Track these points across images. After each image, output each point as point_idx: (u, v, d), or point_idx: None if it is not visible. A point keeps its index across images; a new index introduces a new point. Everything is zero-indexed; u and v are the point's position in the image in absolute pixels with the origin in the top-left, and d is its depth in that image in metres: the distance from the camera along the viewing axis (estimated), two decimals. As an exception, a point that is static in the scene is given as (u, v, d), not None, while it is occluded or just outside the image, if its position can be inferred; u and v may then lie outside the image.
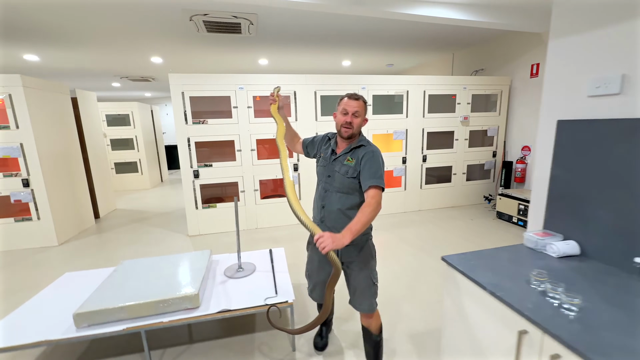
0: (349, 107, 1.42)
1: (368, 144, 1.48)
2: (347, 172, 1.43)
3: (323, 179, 1.51)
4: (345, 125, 1.43)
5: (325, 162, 1.51)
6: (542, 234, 1.36)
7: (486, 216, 4.29)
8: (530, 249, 1.33)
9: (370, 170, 1.38)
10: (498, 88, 4.55)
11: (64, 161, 3.91)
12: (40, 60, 5.11)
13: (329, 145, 1.56)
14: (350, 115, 1.42)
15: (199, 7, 3.28)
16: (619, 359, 0.72)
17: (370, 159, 1.40)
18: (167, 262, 2.12)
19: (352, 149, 1.46)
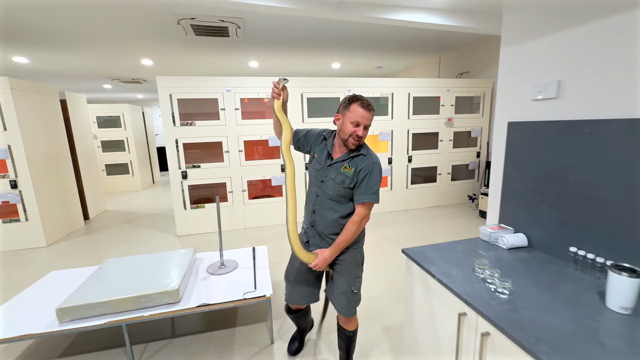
0: (363, 119, 1.28)
1: (369, 154, 1.37)
2: (343, 181, 1.34)
3: (315, 183, 1.42)
4: (355, 138, 1.30)
5: (318, 165, 1.41)
6: (497, 227, 1.46)
7: (469, 215, 4.41)
8: (484, 242, 1.43)
9: (367, 186, 1.33)
10: (481, 90, 4.69)
11: (52, 163, 3.95)
12: (29, 62, 5.14)
13: (324, 146, 1.44)
14: (362, 129, 1.29)
15: (186, 11, 3.36)
16: (532, 332, 0.82)
17: (370, 174, 1.33)
18: (151, 260, 2.18)
19: (352, 157, 1.36)
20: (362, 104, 1.28)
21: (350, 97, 1.32)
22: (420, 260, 1.26)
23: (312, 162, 1.47)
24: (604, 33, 1.08)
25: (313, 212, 1.43)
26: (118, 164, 6.96)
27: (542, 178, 1.29)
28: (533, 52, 1.32)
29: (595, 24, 1.10)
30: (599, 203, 1.10)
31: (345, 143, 1.33)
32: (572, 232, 1.19)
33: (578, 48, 1.16)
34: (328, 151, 1.41)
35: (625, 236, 1.04)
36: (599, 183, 1.09)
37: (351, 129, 1.30)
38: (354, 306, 1.48)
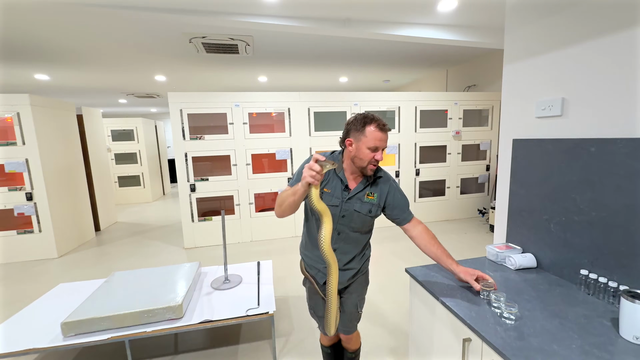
0: (382, 142, 1.17)
1: (384, 173, 1.31)
2: (369, 210, 1.24)
3: (334, 220, 1.25)
4: (374, 164, 1.20)
5: (336, 201, 1.25)
6: (504, 247, 1.41)
7: (480, 229, 4.31)
8: (491, 261, 1.39)
9: (403, 203, 1.28)
10: (489, 103, 4.66)
11: (67, 176, 4.07)
12: (50, 79, 5.39)
13: (334, 176, 1.27)
14: (381, 154, 1.18)
15: (198, 30, 3.49)
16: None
17: (397, 190, 1.28)
18: (157, 274, 2.20)
19: (370, 183, 1.26)
20: (378, 125, 1.16)
21: (363, 119, 1.19)
22: (424, 280, 1.23)
23: (325, 200, 1.26)
24: (609, 50, 1.06)
25: (334, 250, 1.26)
26: (130, 176, 7.13)
27: (549, 197, 1.26)
28: (536, 69, 1.31)
29: (599, 40, 1.09)
30: (609, 224, 1.06)
31: (362, 170, 1.21)
32: (582, 254, 1.15)
33: (582, 65, 1.15)
34: (341, 180, 1.26)
35: (638, 260, 0.99)
36: (608, 203, 1.06)
37: (369, 155, 1.17)
38: (355, 324, 1.45)
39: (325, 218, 1.09)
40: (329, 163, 1.02)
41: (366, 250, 1.42)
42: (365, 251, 1.41)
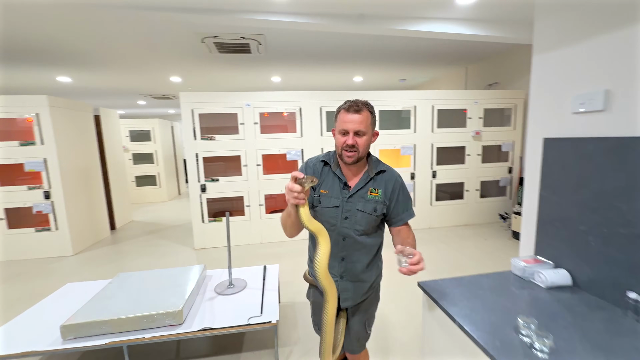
0: (348, 124, 1.08)
1: (388, 168, 1.21)
2: (374, 209, 1.14)
3: (338, 224, 1.15)
4: (347, 149, 1.10)
5: (336, 202, 1.15)
6: (532, 260, 1.25)
7: (501, 236, 4.06)
8: (517, 277, 1.23)
9: (405, 204, 1.18)
10: (512, 102, 4.39)
11: (83, 175, 4.15)
12: (72, 81, 5.56)
13: (330, 174, 1.19)
14: (351, 136, 1.08)
15: (209, 30, 3.46)
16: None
17: (402, 189, 1.19)
18: (161, 276, 2.15)
19: (372, 177, 1.16)
20: (346, 106, 1.10)
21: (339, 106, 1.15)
22: (439, 297, 1.09)
23: (324, 202, 1.17)
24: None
25: (342, 260, 1.19)
26: (147, 176, 7.27)
27: (587, 204, 1.09)
28: (572, 59, 1.15)
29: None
30: (665, 239, 0.89)
31: (342, 159, 1.14)
32: (629, 272, 0.98)
33: (630, 51, 0.98)
34: (342, 180, 1.17)
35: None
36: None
37: (340, 140, 1.11)
38: (363, 343, 1.33)
39: (320, 238, 0.98)
40: (308, 179, 0.93)
41: (378, 261, 1.29)
42: (378, 261, 1.29)
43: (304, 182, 0.93)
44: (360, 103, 1.10)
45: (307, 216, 0.97)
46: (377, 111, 4.10)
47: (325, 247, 0.99)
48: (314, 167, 1.22)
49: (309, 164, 1.24)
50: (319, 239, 1.00)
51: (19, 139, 3.58)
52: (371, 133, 1.14)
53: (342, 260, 1.20)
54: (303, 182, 0.93)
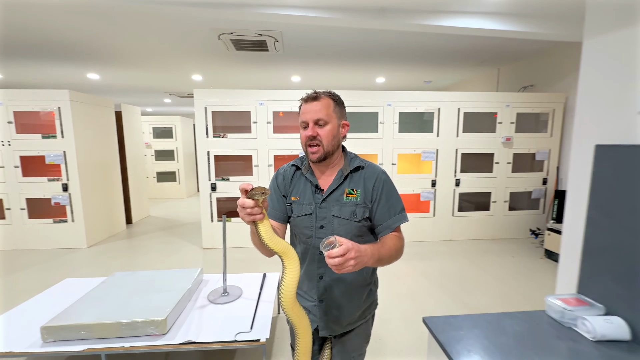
0: (306, 115, 0.96)
1: (367, 163, 1.05)
2: (353, 213, 0.97)
3: (313, 234, 1.00)
4: (310, 144, 0.96)
5: (308, 208, 1.00)
6: (574, 301, 0.98)
7: (532, 254, 3.66)
8: (553, 321, 0.96)
9: (390, 204, 0.98)
10: (549, 106, 3.97)
11: (102, 169, 4.23)
12: (100, 78, 5.75)
13: (302, 177, 1.04)
14: (311, 127, 0.95)
15: (225, 26, 3.39)
16: None
17: (387, 187, 0.99)
18: (155, 278, 2.05)
19: (347, 175, 1.01)
20: (304, 99, 0.98)
21: None
22: (447, 342, 0.86)
23: (295, 210, 1.02)
24: None
25: (320, 278, 1.01)
26: (167, 172, 7.41)
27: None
28: (637, 45, 0.88)
29: None
30: None
31: (308, 157, 1.00)
32: None
33: None
34: (313, 182, 1.01)
35: None
36: None
37: (302, 135, 0.98)
38: None
39: (285, 260, 0.81)
40: (258, 190, 0.77)
41: (369, 282, 1.06)
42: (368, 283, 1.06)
43: (254, 194, 0.77)
44: (320, 91, 0.99)
45: (268, 233, 0.80)
46: (398, 112, 3.85)
47: (292, 272, 0.82)
48: (284, 174, 1.07)
49: (279, 172, 1.09)
50: (284, 261, 0.83)
51: (41, 132, 3.68)
52: (337, 123, 0.98)
53: (319, 280, 1.01)
54: (253, 195, 0.77)
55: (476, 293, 2.71)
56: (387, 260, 0.92)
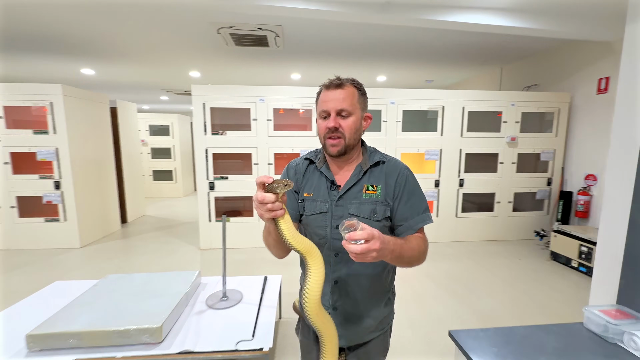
0: (328, 103, 0.86)
1: (389, 158, 0.95)
2: (373, 211, 0.88)
3: (325, 234, 0.90)
4: (331, 136, 0.86)
5: (323, 206, 0.90)
6: (616, 312, 0.90)
7: (537, 256, 3.59)
8: (594, 335, 0.88)
9: (413, 202, 0.89)
10: (554, 106, 3.90)
11: (95, 167, 4.10)
12: (95, 74, 5.61)
13: (316, 172, 0.95)
14: (333, 118, 0.85)
15: (224, 20, 3.28)
16: None
17: (410, 184, 0.90)
18: (150, 281, 1.94)
19: (367, 170, 0.91)
20: (326, 85, 0.88)
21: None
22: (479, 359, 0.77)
23: (308, 208, 0.92)
24: None
25: (335, 283, 0.92)
26: (164, 170, 7.28)
27: None
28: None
29: None
30: None
31: (326, 150, 0.90)
32: None
33: None
34: (329, 178, 0.91)
35: None
36: None
37: (322, 126, 0.88)
38: None
39: (310, 260, 0.73)
40: (281, 183, 0.70)
41: (387, 290, 0.97)
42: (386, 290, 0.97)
43: (275, 187, 0.70)
44: (343, 78, 0.88)
45: (291, 231, 0.72)
46: (401, 111, 3.76)
47: (317, 274, 0.73)
48: (297, 168, 0.98)
49: (291, 165, 1.00)
50: (308, 261, 0.74)
51: (33, 128, 3.55)
52: (360, 115, 0.90)
53: (334, 285, 0.92)
54: (274, 188, 0.70)
55: (484, 296, 2.63)
56: (407, 260, 0.82)
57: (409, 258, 0.82)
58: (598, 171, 3.55)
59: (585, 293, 2.68)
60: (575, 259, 3.13)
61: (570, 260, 3.18)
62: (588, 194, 3.62)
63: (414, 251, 0.83)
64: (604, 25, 2.98)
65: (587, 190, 3.65)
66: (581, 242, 3.07)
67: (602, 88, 3.49)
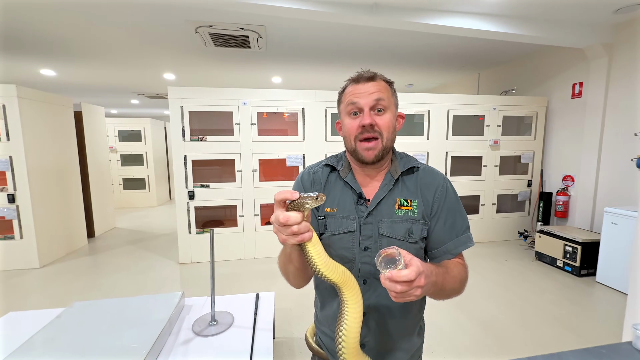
0: (360, 96, 0.72)
1: (424, 166, 0.82)
2: (409, 230, 0.75)
3: (352, 257, 0.76)
4: (366, 136, 0.72)
5: (350, 224, 0.75)
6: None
7: (523, 256, 3.65)
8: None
9: (455, 223, 0.76)
10: (533, 109, 4.04)
11: (57, 176, 3.70)
12: (57, 75, 5.14)
13: (338, 182, 0.80)
14: (368, 114, 0.71)
15: (204, 18, 3.08)
16: None
17: (451, 199, 0.78)
18: (126, 308, 1.70)
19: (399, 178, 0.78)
20: (354, 79, 0.75)
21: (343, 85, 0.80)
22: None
23: (332, 226, 0.77)
24: None
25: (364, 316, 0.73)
26: (136, 179, 6.81)
27: None
28: None
29: None
30: None
31: (359, 156, 0.74)
32: None
33: None
34: (356, 189, 0.77)
35: None
36: None
37: (353, 125, 0.73)
38: None
39: (346, 292, 0.59)
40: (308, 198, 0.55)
41: (420, 317, 0.86)
42: (419, 318, 0.85)
43: (304, 203, 0.54)
44: (372, 72, 0.75)
45: (322, 257, 0.57)
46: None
47: (356, 310, 0.60)
48: (314, 176, 0.82)
49: (307, 173, 0.84)
50: (344, 294, 0.60)
51: (-19, 134, 3.14)
52: (395, 112, 0.78)
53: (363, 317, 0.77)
54: (303, 204, 0.54)
55: (480, 301, 2.59)
56: (447, 292, 0.70)
57: (450, 290, 0.70)
58: (574, 172, 3.69)
59: (573, 292, 2.73)
60: (560, 258, 3.20)
61: (556, 260, 3.25)
62: (566, 195, 3.75)
63: (455, 282, 0.71)
64: (575, 34, 3.11)
65: (565, 190, 3.78)
66: (565, 242, 3.15)
67: (576, 93, 3.64)
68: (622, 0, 2.67)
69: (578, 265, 3.00)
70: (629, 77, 3.03)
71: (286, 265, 0.71)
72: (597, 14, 2.92)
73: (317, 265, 0.57)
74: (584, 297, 2.66)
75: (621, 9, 2.79)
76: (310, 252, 0.57)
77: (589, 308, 2.49)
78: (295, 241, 0.56)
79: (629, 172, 3.04)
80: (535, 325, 2.23)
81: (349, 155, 0.80)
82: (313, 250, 0.57)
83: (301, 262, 0.64)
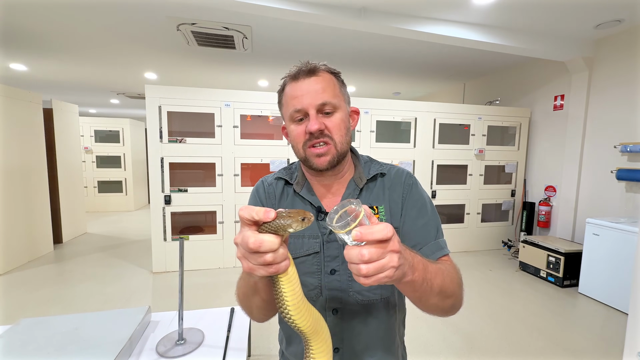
0: (302, 98, 0.62)
1: (389, 168, 0.74)
2: None
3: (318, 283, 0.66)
4: (315, 143, 0.63)
5: (313, 244, 0.67)
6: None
7: (507, 266, 3.64)
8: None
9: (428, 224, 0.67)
10: (516, 120, 4.09)
11: (21, 177, 3.43)
12: (28, 70, 4.85)
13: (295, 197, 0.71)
14: (315, 117, 0.61)
15: (186, 16, 2.96)
16: None
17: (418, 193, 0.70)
18: (80, 326, 1.52)
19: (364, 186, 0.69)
20: (293, 75, 0.64)
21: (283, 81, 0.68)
22: None
23: (293, 247, 0.67)
24: None
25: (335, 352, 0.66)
26: (112, 182, 6.49)
27: None
28: None
29: None
30: None
31: (308, 165, 0.65)
32: None
33: None
34: (310, 202, 0.68)
35: None
36: None
37: (298, 132, 0.63)
38: None
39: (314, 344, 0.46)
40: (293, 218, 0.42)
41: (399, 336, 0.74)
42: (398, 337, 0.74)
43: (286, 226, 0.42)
44: (314, 63, 0.65)
45: (297, 298, 0.44)
46: (375, 121, 3.67)
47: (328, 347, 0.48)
48: (268, 189, 0.72)
49: (261, 186, 0.73)
50: (312, 345, 0.47)
51: None
52: (347, 109, 0.67)
53: (335, 353, 0.65)
54: (284, 227, 0.42)
55: (464, 312, 2.52)
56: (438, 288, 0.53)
57: (440, 287, 0.53)
58: (556, 183, 3.74)
59: (556, 303, 2.71)
60: (543, 269, 3.20)
61: (539, 271, 3.24)
62: (549, 205, 3.78)
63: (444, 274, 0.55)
64: (558, 47, 3.17)
65: (548, 201, 3.82)
66: (549, 252, 3.15)
67: (558, 105, 3.71)
68: (602, 16, 2.74)
69: (561, 276, 3.00)
70: (608, 91, 3.10)
71: (249, 297, 0.58)
72: (579, 28, 2.98)
73: (288, 307, 0.44)
74: (566, 308, 2.64)
75: (601, 24, 2.86)
76: (284, 288, 0.44)
77: (572, 320, 2.46)
78: (267, 273, 0.43)
79: (609, 184, 3.09)
80: (520, 337, 2.18)
81: (302, 164, 0.70)
82: (288, 286, 0.44)
83: (268, 296, 0.52)
